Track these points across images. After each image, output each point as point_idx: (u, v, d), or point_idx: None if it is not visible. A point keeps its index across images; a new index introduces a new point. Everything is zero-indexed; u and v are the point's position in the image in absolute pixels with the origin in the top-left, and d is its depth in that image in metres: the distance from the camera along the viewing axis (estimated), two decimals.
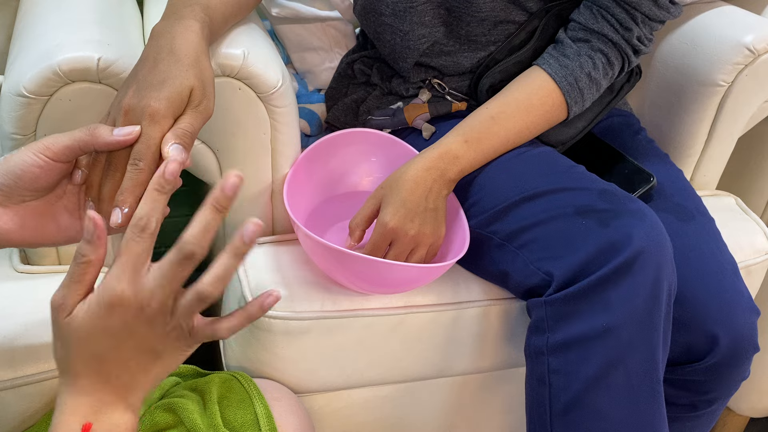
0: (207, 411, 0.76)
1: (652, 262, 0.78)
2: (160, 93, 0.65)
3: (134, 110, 0.64)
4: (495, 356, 0.96)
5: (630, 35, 0.91)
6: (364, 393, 0.96)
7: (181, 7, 0.74)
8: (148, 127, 0.63)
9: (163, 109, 0.64)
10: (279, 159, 0.90)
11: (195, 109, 0.67)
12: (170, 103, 0.65)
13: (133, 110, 0.64)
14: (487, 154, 0.89)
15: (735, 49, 1.01)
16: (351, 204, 0.95)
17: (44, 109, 0.76)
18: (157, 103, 0.64)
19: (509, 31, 0.97)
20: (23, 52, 0.81)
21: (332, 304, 0.87)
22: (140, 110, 0.64)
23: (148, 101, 0.64)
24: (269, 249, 0.93)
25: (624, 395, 0.78)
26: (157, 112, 0.64)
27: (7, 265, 0.86)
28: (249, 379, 0.82)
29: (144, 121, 0.64)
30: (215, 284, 0.52)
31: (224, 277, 0.52)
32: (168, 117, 0.64)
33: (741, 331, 0.86)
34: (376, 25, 0.98)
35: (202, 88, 0.68)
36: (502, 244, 0.86)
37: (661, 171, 0.98)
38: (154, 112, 0.64)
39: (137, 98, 0.65)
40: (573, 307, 0.79)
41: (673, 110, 1.10)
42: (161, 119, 0.64)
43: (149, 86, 0.65)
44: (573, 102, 0.91)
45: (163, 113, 0.64)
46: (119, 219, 0.62)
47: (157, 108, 0.64)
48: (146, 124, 0.63)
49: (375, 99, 1.04)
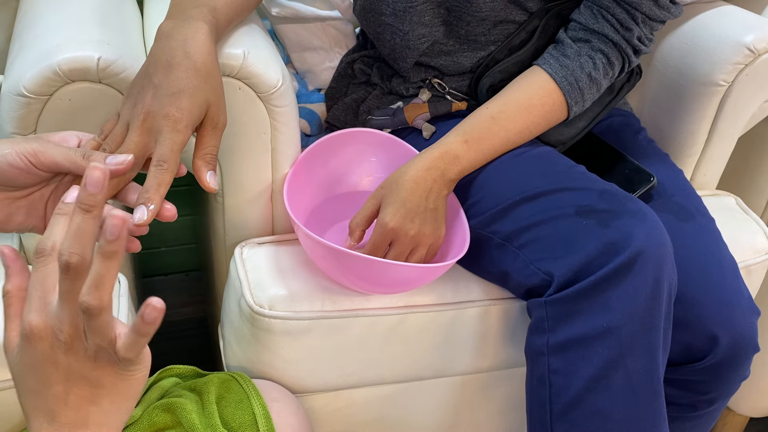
0: (205, 411, 0.76)
1: (652, 262, 0.78)
2: (180, 102, 0.65)
3: (154, 116, 0.65)
4: (495, 356, 0.96)
5: (630, 35, 0.90)
6: (364, 393, 0.96)
7: (188, 8, 0.74)
8: (170, 133, 0.64)
9: (185, 119, 0.65)
10: (279, 159, 0.90)
11: (214, 128, 0.69)
12: (191, 114, 0.66)
13: (153, 116, 0.65)
14: (487, 154, 0.89)
15: (735, 49, 1.01)
16: (351, 204, 0.95)
17: (44, 108, 0.76)
18: (179, 113, 0.65)
19: (509, 31, 0.97)
20: (23, 52, 0.81)
21: (332, 304, 0.87)
22: (161, 116, 0.64)
23: (170, 109, 0.65)
24: (269, 249, 0.93)
25: (624, 395, 0.78)
26: (179, 121, 0.65)
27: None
28: (247, 379, 0.82)
29: (166, 127, 0.64)
30: (92, 293, 0.46)
31: (99, 283, 0.46)
32: (189, 127, 0.66)
33: (741, 331, 0.86)
34: (375, 24, 0.98)
35: (218, 104, 0.69)
36: (502, 244, 0.86)
37: (661, 171, 0.99)
38: (176, 120, 0.65)
39: (157, 105, 0.65)
40: (573, 307, 0.79)
41: (673, 110, 1.10)
42: (183, 128, 0.65)
43: (168, 93, 0.66)
44: (573, 102, 0.91)
45: (185, 123, 0.65)
46: (145, 216, 0.60)
47: (179, 117, 0.65)
48: (168, 130, 0.64)
49: (375, 99, 1.04)
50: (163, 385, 0.81)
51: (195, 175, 0.68)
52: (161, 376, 0.84)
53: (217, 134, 0.69)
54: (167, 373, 0.85)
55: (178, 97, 0.66)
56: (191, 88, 0.67)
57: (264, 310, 0.85)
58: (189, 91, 0.66)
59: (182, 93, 0.66)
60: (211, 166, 0.67)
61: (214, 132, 0.69)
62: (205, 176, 0.67)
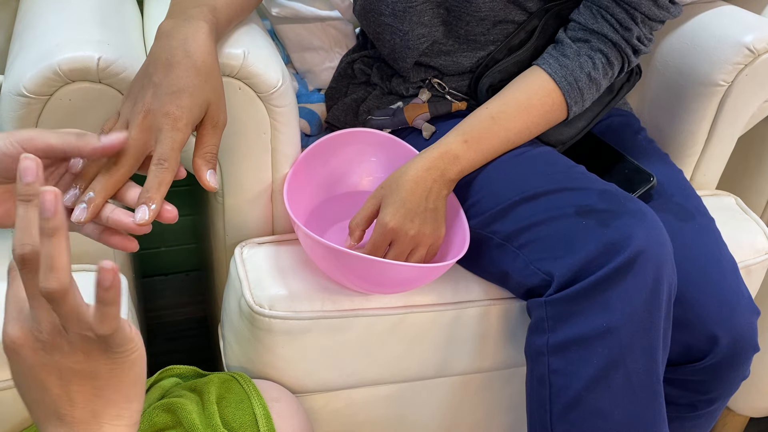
0: (205, 411, 0.76)
1: (652, 262, 0.78)
2: (180, 101, 0.66)
3: (154, 114, 0.65)
4: (495, 356, 0.96)
5: (630, 35, 0.91)
6: (364, 393, 0.96)
7: (188, 7, 0.74)
8: (170, 131, 0.64)
9: (185, 117, 0.65)
10: (279, 159, 0.90)
11: (214, 127, 0.69)
12: (191, 113, 0.66)
13: (153, 114, 0.65)
14: (487, 154, 0.89)
15: (735, 49, 1.01)
16: (351, 204, 0.95)
17: (44, 108, 0.76)
18: (179, 111, 0.65)
19: (509, 31, 0.97)
20: (23, 52, 0.81)
21: (332, 304, 0.87)
22: (161, 114, 0.65)
23: (170, 107, 0.65)
24: (269, 249, 0.93)
25: (624, 395, 0.78)
26: (179, 119, 0.65)
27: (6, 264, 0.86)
28: (248, 379, 0.82)
29: (166, 126, 0.64)
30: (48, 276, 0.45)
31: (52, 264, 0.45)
32: (189, 125, 0.66)
33: (741, 331, 0.86)
34: (375, 25, 0.98)
35: (218, 104, 0.69)
36: (502, 244, 0.86)
37: (661, 171, 0.99)
38: (176, 118, 0.65)
39: (158, 103, 0.65)
40: (573, 307, 0.79)
41: (673, 110, 1.10)
42: (183, 126, 0.65)
43: (169, 92, 0.66)
44: (573, 102, 0.91)
45: (185, 121, 0.65)
46: (147, 216, 0.60)
47: (179, 115, 0.65)
48: (168, 128, 0.64)
49: (375, 99, 1.04)
50: (163, 385, 0.81)
51: (195, 174, 0.68)
52: (161, 376, 0.84)
53: (217, 133, 0.70)
54: (167, 373, 0.85)
55: (178, 95, 0.66)
56: (191, 87, 0.67)
57: (264, 310, 0.85)
58: (189, 90, 0.66)
59: (182, 92, 0.66)
60: (211, 165, 0.68)
61: (214, 131, 0.69)
62: (206, 175, 0.67)
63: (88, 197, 0.61)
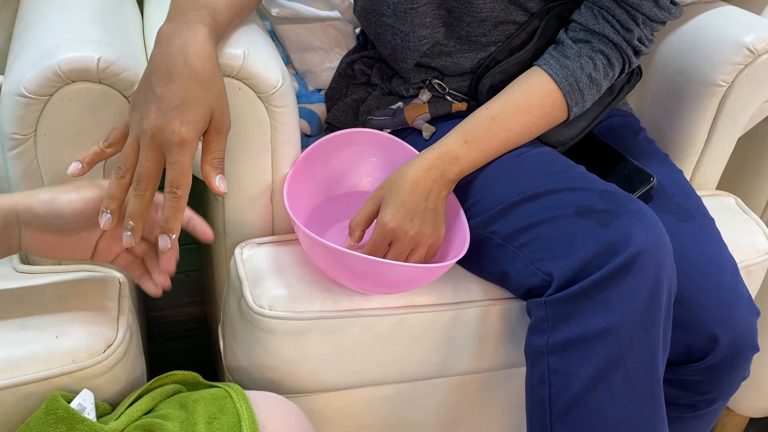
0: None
1: (652, 263, 0.78)
2: (184, 115, 0.67)
3: (161, 132, 0.66)
4: (495, 356, 0.96)
5: (631, 36, 0.91)
6: (364, 393, 0.96)
7: (187, 10, 0.74)
8: (178, 153, 0.66)
9: (191, 135, 0.67)
10: (279, 159, 0.90)
11: (219, 132, 0.71)
12: (196, 127, 0.68)
13: (160, 132, 0.66)
14: (487, 155, 0.89)
15: (735, 49, 1.01)
16: (351, 204, 0.95)
17: (44, 109, 0.76)
18: (185, 129, 0.66)
19: (510, 32, 0.97)
20: (23, 52, 0.81)
21: (332, 304, 0.87)
22: (168, 132, 0.66)
23: (175, 125, 0.66)
24: (269, 249, 0.93)
25: (624, 395, 0.78)
26: (186, 139, 0.66)
27: (7, 265, 0.86)
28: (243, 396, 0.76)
29: (174, 147, 0.66)
30: None
31: None
32: (196, 140, 0.68)
33: (741, 332, 0.86)
34: (376, 25, 0.98)
35: (221, 109, 0.71)
36: (502, 244, 0.86)
37: (661, 171, 0.99)
38: (183, 139, 0.66)
39: (163, 120, 0.67)
40: (573, 307, 0.79)
41: (673, 110, 1.10)
42: (190, 144, 0.67)
43: (172, 107, 0.67)
44: (573, 103, 0.91)
45: (192, 139, 0.67)
46: (168, 244, 0.67)
47: (185, 135, 0.66)
48: (176, 150, 0.66)
49: (375, 99, 1.04)
50: (154, 396, 0.77)
51: (204, 180, 0.69)
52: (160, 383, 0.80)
53: (222, 137, 0.71)
54: (167, 379, 0.81)
55: (182, 110, 0.67)
56: (194, 99, 0.68)
57: (264, 310, 0.85)
58: (192, 103, 0.68)
59: (185, 105, 0.67)
60: (220, 170, 0.69)
61: (219, 136, 0.71)
62: (215, 181, 0.69)
63: (130, 226, 0.67)
